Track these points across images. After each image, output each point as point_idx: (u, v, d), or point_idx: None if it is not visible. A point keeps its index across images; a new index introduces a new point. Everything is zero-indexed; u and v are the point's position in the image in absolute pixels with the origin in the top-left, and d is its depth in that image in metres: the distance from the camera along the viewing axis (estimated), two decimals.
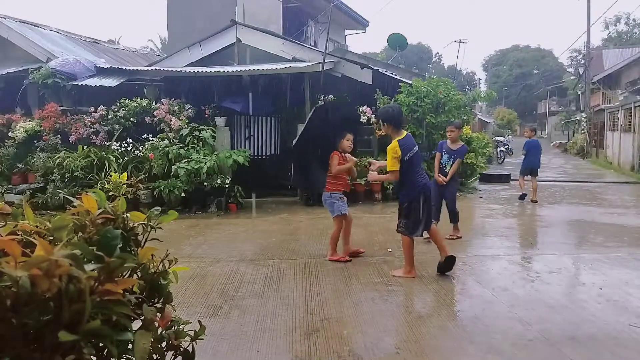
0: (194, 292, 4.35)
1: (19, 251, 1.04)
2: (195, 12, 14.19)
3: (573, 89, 37.21)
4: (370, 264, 5.21)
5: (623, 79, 22.64)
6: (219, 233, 7.07)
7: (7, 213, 1.35)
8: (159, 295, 1.49)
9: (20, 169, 9.66)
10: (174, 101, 9.56)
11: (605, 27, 46.61)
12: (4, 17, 11.70)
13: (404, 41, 17.66)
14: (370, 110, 9.98)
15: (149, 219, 1.51)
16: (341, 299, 4.13)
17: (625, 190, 12.05)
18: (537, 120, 51.49)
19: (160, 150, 8.78)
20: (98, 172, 8.85)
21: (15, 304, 1.02)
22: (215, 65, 10.08)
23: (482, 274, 4.87)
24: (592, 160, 22.60)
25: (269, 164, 10.71)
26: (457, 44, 17.84)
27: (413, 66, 48.42)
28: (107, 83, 9.53)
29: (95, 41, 14.85)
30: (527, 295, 4.21)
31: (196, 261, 5.36)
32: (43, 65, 10.03)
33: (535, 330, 3.42)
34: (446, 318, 3.70)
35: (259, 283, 4.61)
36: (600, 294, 4.20)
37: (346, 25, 19.74)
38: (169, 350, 1.47)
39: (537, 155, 9.97)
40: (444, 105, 9.96)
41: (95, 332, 1.09)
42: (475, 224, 7.92)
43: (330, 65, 9.91)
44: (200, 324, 1.58)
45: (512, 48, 59.28)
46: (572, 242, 6.58)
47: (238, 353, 3.14)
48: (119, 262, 1.17)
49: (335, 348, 3.18)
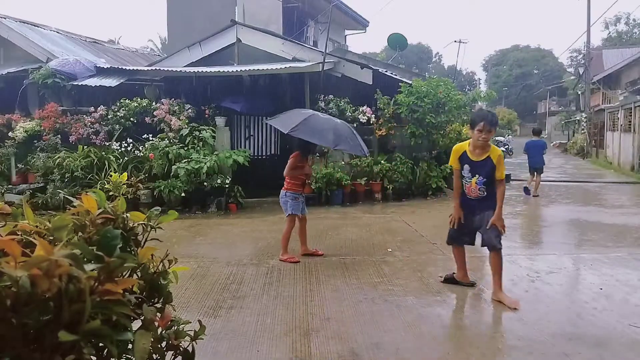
0: (194, 292, 4.35)
1: (19, 251, 1.04)
2: (195, 12, 14.19)
3: (573, 89, 37.22)
4: (370, 264, 5.20)
5: (623, 79, 22.64)
6: (219, 233, 7.07)
7: (7, 213, 1.35)
8: (159, 295, 1.49)
9: (20, 169, 9.67)
10: (174, 101, 9.56)
11: (605, 27, 46.63)
12: (4, 17, 11.70)
13: (404, 41, 17.67)
14: (370, 110, 9.99)
15: (149, 219, 1.51)
16: (341, 299, 4.12)
17: (625, 190, 12.05)
18: (537, 120, 51.45)
19: (160, 150, 8.78)
20: (98, 172, 8.85)
21: (15, 304, 1.02)
22: (216, 65, 10.08)
23: (482, 273, 4.87)
24: (592, 160, 22.60)
25: (269, 164, 10.71)
26: (457, 44, 17.81)
27: (413, 66, 48.44)
28: (107, 83, 9.53)
29: (95, 41, 14.85)
30: (527, 295, 4.21)
31: (196, 261, 5.36)
32: (43, 65, 10.03)
33: (535, 330, 3.42)
34: (446, 318, 3.70)
35: (259, 283, 4.61)
36: (600, 293, 4.20)
37: (346, 25, 19.74)
38: (169, 350, 1.47)
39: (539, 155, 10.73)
40: (444, 105, 9.96)
41: (95, 332, 1.09)
42: None
43: (330, 65, 9.91)
44: (200, 324, 1.58)
45: (512, 48, 59.30)
46: (572, 242, 6.58)
47: (238, 353, 3.14)
48: (119, 262, 1.17)
49: (335, 348, 3.18)
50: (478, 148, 3.97)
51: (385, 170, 9.67)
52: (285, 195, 5.36)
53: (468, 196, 4.09)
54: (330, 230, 6.96)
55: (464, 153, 4.06)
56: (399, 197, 9.82)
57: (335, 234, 6.78)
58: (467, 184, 4.06)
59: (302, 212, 5.44)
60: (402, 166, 9.77)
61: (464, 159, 4.05)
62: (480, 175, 3.97)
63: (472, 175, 4.00)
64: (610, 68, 24.75)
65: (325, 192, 9.29)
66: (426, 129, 9.90)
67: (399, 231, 6.89)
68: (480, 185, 3.99)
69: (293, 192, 5.34)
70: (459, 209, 4.14)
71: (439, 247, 5.87)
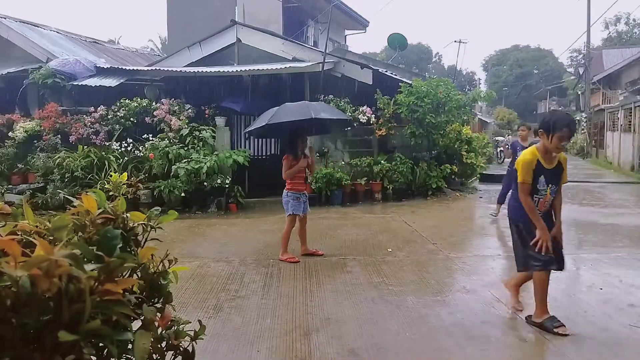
0: (194, 292, 4.35)
1: (19, 251, 1.04)
2: (195, 12, 14.19)
3: (573, 89, 37.22)
4: (370, 264, 5.20)
5: (623, 79, 22.64)
6: (219, 233, 7.07)
7: (7, 213, 1.35)
8: (159, 295, 1.49)
9: (20, 169, 9.67)
10: (174, 101, 9.56)
11: (605, 27, 46.61)
12: (4, 17, 11.70)
13: (404, 41, 17.67)
14: (370, 110, 9.99)
15: (149, 219, 1.51)
16: (341, 299, 4.12)
17: (625, 190, 12.05)
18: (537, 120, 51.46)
19: (160, 150, 8.78)
20: (98, 172, 8.85)
21: (15, 304, 1.02)
22: (216, 65, 10.08)
23: (482, 274, 4.87)
24: (592, 160, 22.60)
25: (269, 164, 10.71)
26: (457, 44, 17.81)
27: (413, 66, 48.41)
28: (107, 83, 9.54)
29: (95, 41, 14.85)
30: (527, 295, 4.20)
31: (196, 261, 5.36)
32: (43, 65, 10.03)
33: (535, 330, 3.41)
34: (446, 318, 3.70)
35: (259, 283, 4.61)
36: (600, 293, 4.20)
37: (346, 25, 19.74)
38: (169, 350, 1.47)
39: None
40: (444, 105, 9.96)
41: (95, 332, 1.09)
42: (475, 224, 7.92)
43: (330, 65, 9.91)
44: (200, 324, 1.58)
45: (512, 48, 59.26)
46: (572, 242, 6.57)
47: (238, 353, 3.14)
48: (119, 262, 1.17)
49: (335, 348, 3.18)
50: (549, 154, 3.41)
51: (385, 170, 9.67)
52: (286, 196, 5.41)
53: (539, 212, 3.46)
54: (330, 230, 6.96)
55: (537, 162, 3.41)
56: (399, 197, 9.82)
57: (335, 234, 6.78)
58: (542, 198, 3.45)
59: (304, 211, 5.46)
60: (402, 166, 9.77)
61: (539, 169, 3.41)
62: (554, 185, 3.46)
63: (547, 187, 3.45)
64: (610, 68, 24.76)
65: (325, 192, 9.29)
66: (426, 129, 9.90)
67: (399, 231, 6.89)
68: (553, 195, 3.48)
69: (294, 192, 5.37)
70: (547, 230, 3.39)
71: (439, 247, 5.87)
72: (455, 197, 10.31)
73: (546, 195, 3.45)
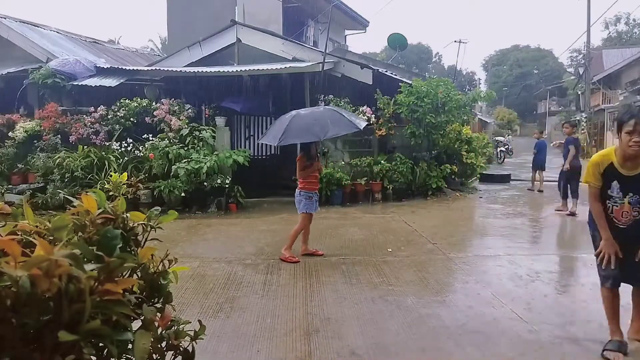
0: (194, 292, 4.35)
1: (19, 251, 1.04)
2: (195, 12, 14.18)
3: (573, 89, 37.23)
4: (370, 264, 5.20)
5: (623, 79, 22.65)
6: (219, 233, 7.07)
7: (7, 213, 1.35)
8: (159, 295, 1.49)
9: (20, 169, 9.67)
10: (174, 101, 9.56)
11: (605, 27, 46.67)
12: (4, 17, 11.70)
13: (404, 41, 17.65)
14: (370, 110, 9.98)
15: (149, 219, 1.51)
16: (341, 299, 4.12)
17: None
18: (537, 120, 51.46)
19: (160, 150, 8.78)
20: (98, 172, 8.85)
21: (15, 304, 1.02)
22: (216, 65, 10.08)
23: (482, 274, 4.88)
24: None
25: (269, 164, 10.71)
26: (457, 44, 17.76)
27: (413, 66, 48.43)
28: (107, 83, 9.53)
29: (95, 41, 14.85)
30: (527, 295, 4.21)
31: (196, 261, 5.36)
32: (43, 65, 10.03)
33: (535, 330, 3.42)
34: (446, 318, 3.70)
35: (259, 283, 4.61)
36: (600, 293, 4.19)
37: (346, 25, 19.73)
38: (169, 350, 1.47)
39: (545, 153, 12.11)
40: (444, 105, 9.96)
41: (95, 332, 1.09)
42: (475, 224, 7.92)
43: (330, 65, 9.91)
44: (200, 324, 1.58)
45: (512, 48, 59.28)
46: (572, 242, 6.58)
47: (238, 353, 3.14)
48: (119, 262, 1.17)
49: (335, 348, 3.18)
50: (631, 158, 2.96)
51: (385, 170, 9.68)
52: (299, 195, 5.47)
53: (616, 222, 3.12)
54: (331, 230, 6.96)
55: (610, 165, 3.04)
56: (398, 197, 9.82)
57: (335, 234, 6.78)
58: (616, 207, 3.09)
59: (315, 210, 5.55)
60: (402, 166, 9.77)
61: (611, 173, 3.05)
62: (636, 194, 3.02)
63: (623, 195, 3.05)
64: (610, 68, 24.79)
65: (326, 192, 9.29)
66: (426, 129, 9.90)
67: (399, 231, 6.89)
68: (636, 206, 3.04)
69: (307, 192, 5.44)
70: (614, 242, 3.09)
71: (439, 247, 5.87)
72: (455, 197, 10.32)
73: (623, 205, 3.07)
